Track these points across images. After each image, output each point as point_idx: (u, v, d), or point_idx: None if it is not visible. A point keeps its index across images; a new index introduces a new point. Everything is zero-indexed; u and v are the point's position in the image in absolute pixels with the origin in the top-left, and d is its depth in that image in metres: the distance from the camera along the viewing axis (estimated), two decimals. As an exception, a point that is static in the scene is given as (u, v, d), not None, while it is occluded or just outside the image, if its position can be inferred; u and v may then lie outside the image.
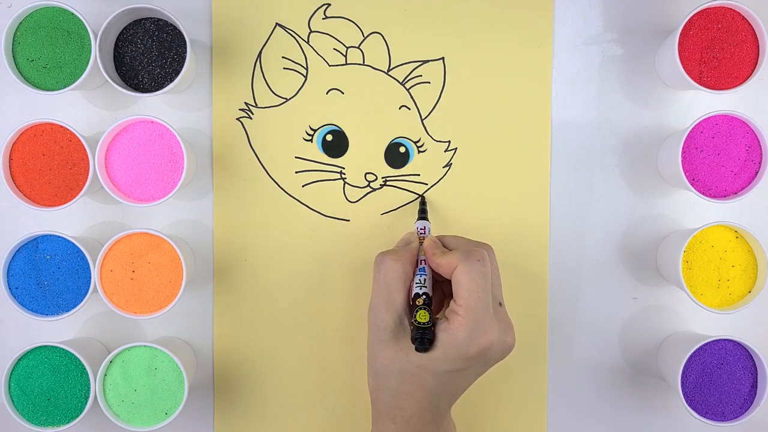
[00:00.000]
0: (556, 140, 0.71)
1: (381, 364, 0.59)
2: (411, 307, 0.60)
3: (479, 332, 0.57)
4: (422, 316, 0.58)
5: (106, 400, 0.65)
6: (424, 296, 0.59)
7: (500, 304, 0.61)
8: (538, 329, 0.70)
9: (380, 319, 0.59)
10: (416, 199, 0.70)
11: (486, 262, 0.59)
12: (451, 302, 0.59)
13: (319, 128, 0.70)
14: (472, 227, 0.70)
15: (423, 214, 0.67)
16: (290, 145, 0.70)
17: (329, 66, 0.70)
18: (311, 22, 0.70)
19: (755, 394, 0.66)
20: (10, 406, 0.65)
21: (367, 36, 0.70)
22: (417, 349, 0.57)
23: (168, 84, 0.65)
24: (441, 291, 0.64)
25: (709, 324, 0.70)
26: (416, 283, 0.61)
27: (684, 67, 0.65)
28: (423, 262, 0.62)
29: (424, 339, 0.57)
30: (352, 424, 0.70)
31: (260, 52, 0.70)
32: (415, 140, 0.70)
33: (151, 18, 0.66)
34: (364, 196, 0.70)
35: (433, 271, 0.62)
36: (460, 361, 0.57)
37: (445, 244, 0.64)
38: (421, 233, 0.65)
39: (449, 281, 0.60)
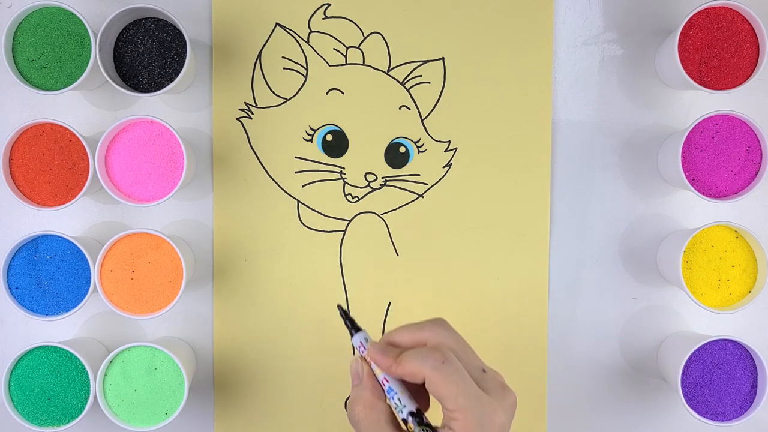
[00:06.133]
0: (556, 140, 0.71)
1: None
2: None
3: (487, 420, 0.52)
4: None
5: (106, 400, 0.65)
6: (410, 417, 0.53)
7: (483, 370, 0.55)
8: (538, 329, 0.70)
9: None
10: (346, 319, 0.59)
11: (450, 358, 0.53)
12: (442, 408, 0.53)
13: (319, 128, 0.70)
14: (472, 227, 0.70)
15: (353, 327, 0.56)
16: (290, 145, 0.70)
17: (329, 66, 0.70)
18: (311, 22, 0.70)
19: (755, 394, 0.66)
20: (10, 406, 0.65)
21: (367, 36, 0.70)
22: None
23: (168, 84, 0.65)
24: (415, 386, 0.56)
25: (709, 324, 0.70)
26: (395, 408, 0.53)
27: (684, 67, 0.65)
28: (385, 381, 0.54)
29: None
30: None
31: (260, 52, 0.70)
32: (415, 140, 0.70)
33: (151, 18, 0.66)
34: (364, 196, 0.70)
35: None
36: None
37: (392, 342, 0.55)
38: (362, 351, 0.55)
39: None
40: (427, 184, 0.71)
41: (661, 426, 0.71)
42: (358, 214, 0.71)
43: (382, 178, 0.70)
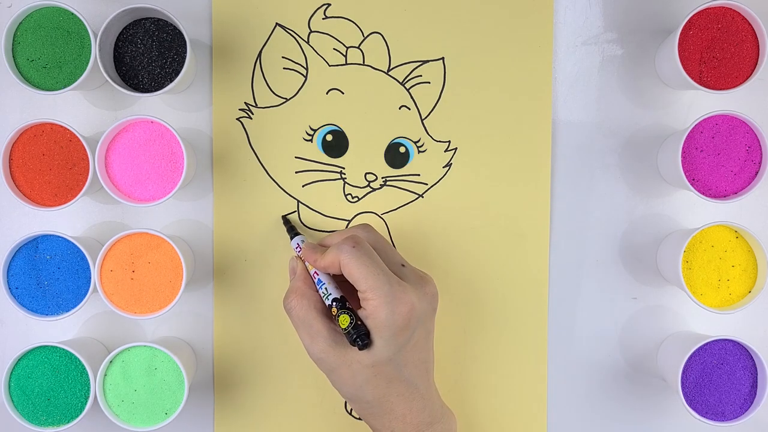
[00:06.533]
0: (556, 140, 0.71)
1: (347, 388, 0.60)
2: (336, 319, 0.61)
3: (396, 302, 0.58)
4: (344, 321, 0.59)
5: (106, 400, 0.65)
6: (334, 303, 0.60)
7: (403, 265, 0.62)
8: (538, 329, 0.70)
9: (318, 351, 0.60)
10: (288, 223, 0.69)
11: (361, 242, 0.60)
12: (358, 293, 0.59)
13: (319, 128, 0.70)
14: (472, 227, 0.70)
15: (292, 232, 0.68)
16: (290, 145, 0.70)
17: (329, 66, 0.70)
18: (311, 22, 0.70)
19: (755, 394, 0.66)
20: (10, 406, 0.65)
21: (367, 36, 0.70)
22: (361, 348, 0.58)
23: (168, 84, 0.65)
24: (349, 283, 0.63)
25: (709, 324, 0.70)
26: (323, 296, 0.62)
27: (684, 67, 0.65)
28: (316, 273, 0.63)
29: (360, 336, 0.58)
30: (352, 424, 0.70)
31: (260, 52, 0.70)
32: (415, 140, 0.70)
33: (151, 18, 0.66)
34: (364, 196, 0.70)
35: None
36: (398, 336, 0.58)
37: (323, 244, 0.65)
38: (298, 251, 0.66)
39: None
40: (427, 184, 0.71)
41: (661, 426, 0.71)
42: (358, 214, 0.71)
43: (382, 178, 0.70)
